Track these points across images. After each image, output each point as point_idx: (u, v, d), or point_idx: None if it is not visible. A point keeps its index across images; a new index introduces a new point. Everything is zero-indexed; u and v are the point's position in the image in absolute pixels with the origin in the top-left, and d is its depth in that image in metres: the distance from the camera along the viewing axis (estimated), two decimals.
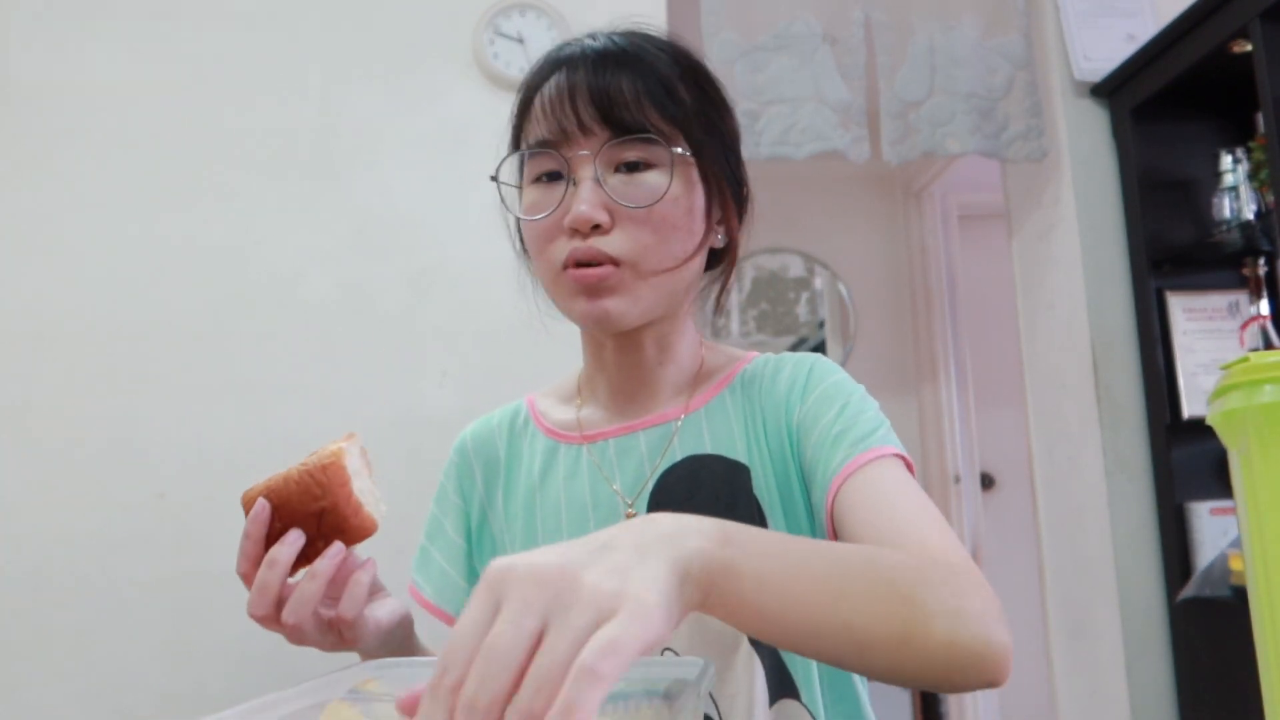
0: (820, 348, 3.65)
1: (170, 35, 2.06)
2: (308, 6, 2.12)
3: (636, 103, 0.76)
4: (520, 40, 2.15)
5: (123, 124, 2.01)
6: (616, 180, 0.76)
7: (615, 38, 0.81)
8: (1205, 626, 1.90)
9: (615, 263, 0.75)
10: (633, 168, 0.76)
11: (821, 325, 3.71)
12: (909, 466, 0.73)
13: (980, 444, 3.64)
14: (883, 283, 3.76)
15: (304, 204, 2.05)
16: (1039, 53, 2.28)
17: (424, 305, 2.06)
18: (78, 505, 1.88)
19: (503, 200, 0.83)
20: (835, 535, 0.72)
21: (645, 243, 0.76)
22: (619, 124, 0.75)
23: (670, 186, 0.76)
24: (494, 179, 0.82)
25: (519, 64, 2.14)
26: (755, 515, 0.78)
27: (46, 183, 1.98)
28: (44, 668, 1.82)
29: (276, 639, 0.70)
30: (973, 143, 2.18)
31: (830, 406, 0.77)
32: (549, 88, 0.78)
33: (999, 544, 3.47)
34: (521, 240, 0.86)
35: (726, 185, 0.82)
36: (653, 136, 0.76)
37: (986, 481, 3.66)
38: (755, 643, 0.76)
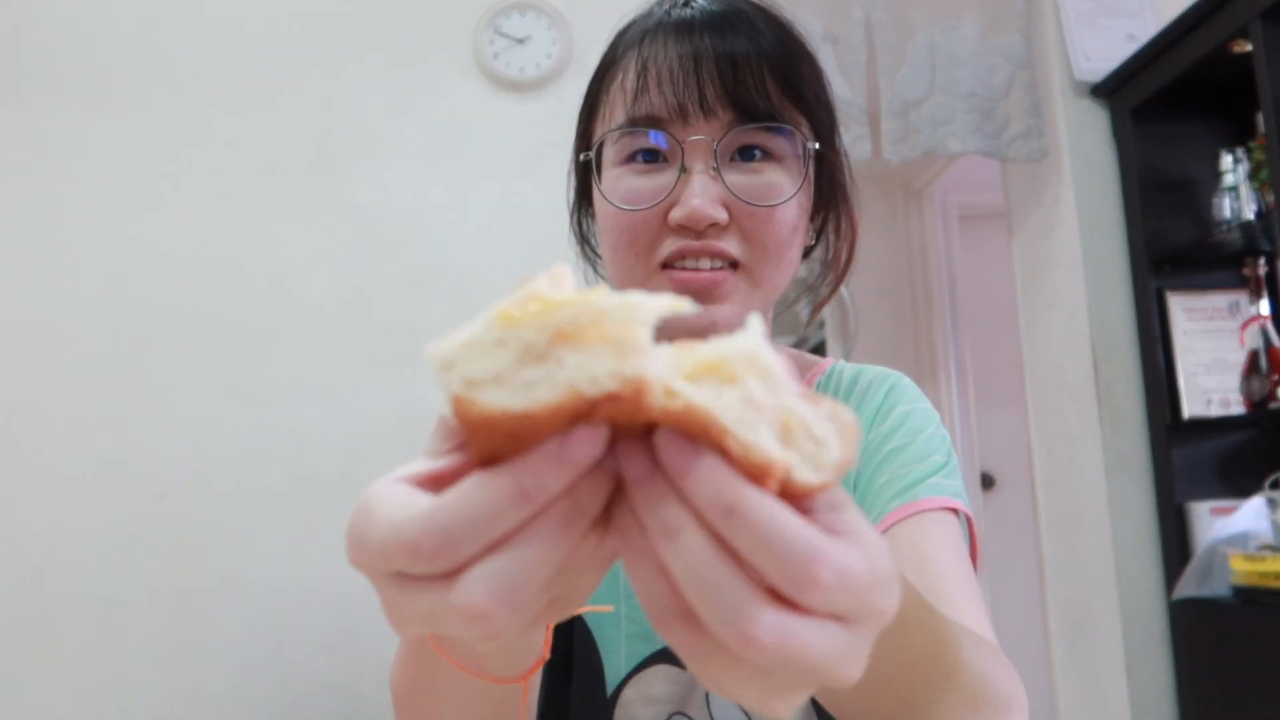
0: (820, 348, 3.65)
1: (169, 35, 2.06)
2: (308, 7, 2.12)
3: (764, 84, 0.66)
4: (521, 40, 2.15)
5: (121, 125, 2.01)
6: (735, 173, 0.66)
7: (720, 2, 0.69)
8: (1206, 626, 1.89)
9: (735, 265, 0.66)
10: (749, 155, 0.66)
11: (822, 325, 3.70)
12: (969, 517, 0.68)
13: (980, 444, 3.64)
14: (883, 283, 3.75)
15: (304, 204, 2.05)
16: (1039, 53, 2.28)
17: (424, 305, 2.06)
18: (78, 506, 1.88)
19: (596, 179, 0.69)
20: None
21: (765, 246, 0.66)
22: (747, 108, 0.65)
23: (800, 187, 0.67)
24: (582, 157, 0.70)
25: (519, 64, 2.14)
26: None
27: (45, 184, 1.97)
28: (44, 667, 1.82)
29: (277, 639, 0.67)
30: (973, 142, 2.18)
31: (893, 439, 0.70)
32: (660, 52, 0.66)
33: (999, 544, 3.47)
34: (580, 227, 0.77)
35: (840, 186, 0.74)
36: (783, 126, 0.66)
37: (987, 481, 3.65)
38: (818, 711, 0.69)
